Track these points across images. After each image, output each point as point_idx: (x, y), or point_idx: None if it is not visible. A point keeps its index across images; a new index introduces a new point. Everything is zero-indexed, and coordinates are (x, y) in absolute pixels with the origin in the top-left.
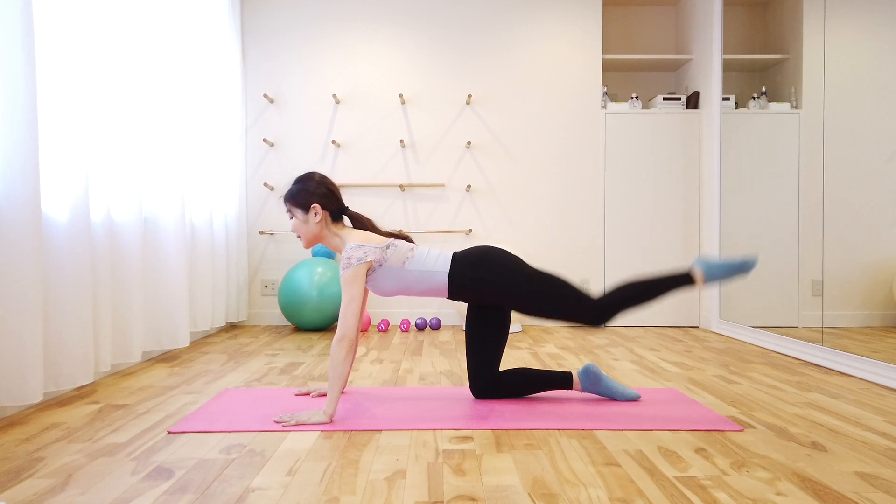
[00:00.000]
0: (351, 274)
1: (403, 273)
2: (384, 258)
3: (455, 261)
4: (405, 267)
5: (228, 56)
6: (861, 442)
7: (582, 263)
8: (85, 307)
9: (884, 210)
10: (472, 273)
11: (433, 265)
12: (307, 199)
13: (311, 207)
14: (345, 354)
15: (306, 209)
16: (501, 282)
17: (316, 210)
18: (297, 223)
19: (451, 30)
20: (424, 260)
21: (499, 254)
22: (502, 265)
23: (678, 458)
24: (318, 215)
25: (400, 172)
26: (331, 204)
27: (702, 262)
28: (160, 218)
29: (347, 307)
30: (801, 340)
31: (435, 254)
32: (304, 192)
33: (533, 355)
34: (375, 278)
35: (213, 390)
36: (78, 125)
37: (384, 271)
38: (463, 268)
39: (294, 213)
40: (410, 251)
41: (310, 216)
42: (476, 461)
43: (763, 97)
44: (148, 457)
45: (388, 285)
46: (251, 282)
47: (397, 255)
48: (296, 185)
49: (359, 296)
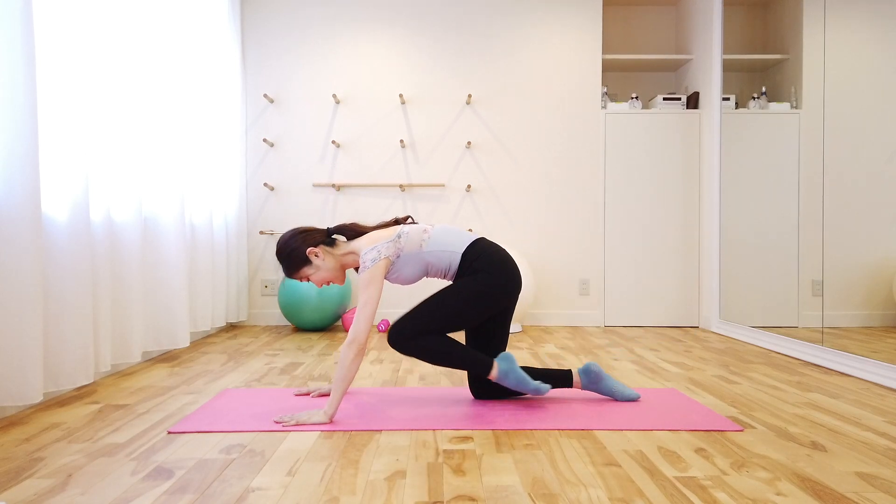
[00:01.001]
0: (368, 276)
1: (423, 255)
2: (400, 248)
3: (475, 246)
4: (423, 249)
5: (228, 56)
6: (861, 442)
7: (582, 263)
8: (85, 307)
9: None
10: (476, 265)
11: (451, 244)
12: (301, 255)
13: (308, 255)
14: (353, 357)
15: (308, 261)
16: (464, 281)
17: (315, 253)
18: (316, 276)
19: (451, 30)
20: (442, 238)
21: (502, 267)
22: (487, 274)
23: (678, 458)
24: (320, 255)
25: (400, 172)
26: (316, 237)
27: (504, 360)
28: (160, 218)
29: (362, 310)
30: (801, 340)
31: (455, 232)
32: (295, 254)
33: (533, 355)
34: (397, 270)
35: (213, 390)
36: (78, 125)
37: (404, 260)
38: (474, 255)
39: (306, 273)
40: (425, 232)
41: (316, 262)
42: (476, 461)
43: (763, 97)
44: (148, 457)
45: (411, 272)
46: (251, 282)
47: (412, 240)
48: (284, 260)
49: (374, 299)
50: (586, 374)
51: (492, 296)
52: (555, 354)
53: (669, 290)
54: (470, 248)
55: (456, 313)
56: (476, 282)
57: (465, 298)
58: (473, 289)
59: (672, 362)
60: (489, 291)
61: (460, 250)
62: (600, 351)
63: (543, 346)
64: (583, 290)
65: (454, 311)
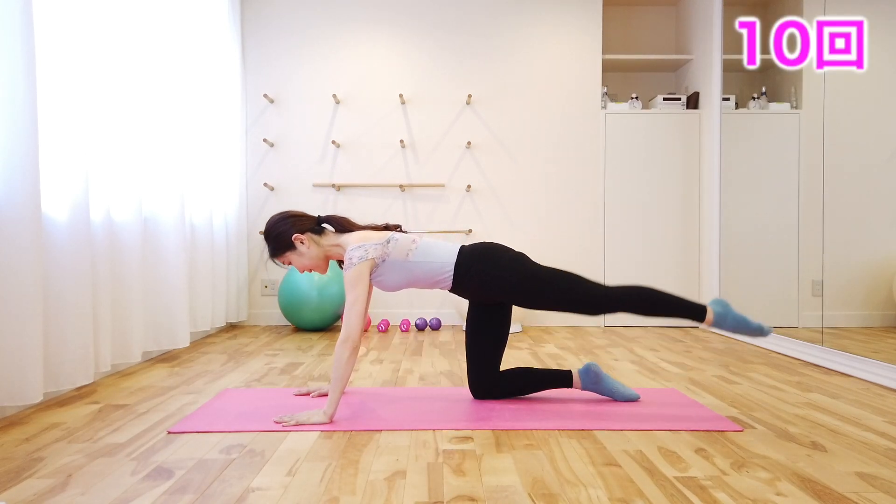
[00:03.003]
0: (354, 274)
1: (408, 265)
2: (386, 253)
3: (462, 253)
4: (409, 259)
5: (228, 56)
6: (861, 442)
7: (582, 263)
8: (85, 307)
9: (884, 210)
10: (480, 266)
11: (439, 256)
12: (287, 239)
13: (294, 241)
14: (348, 356)
15: (293, 246)
16: (509, 275)
17: (300, 240)
18: (298, 262)
19: (451, 30)
20: (429, 251)
21: (505, 249)
22: (510, 259)
23: (678, 458)
24: (305, 242)
25: (400, 172)
26: (304, 224)
27: (719, 304)
28: (160, 218)
29: (351, 309)
30: (801, 341)
31: (441, 245)
32: (281, 237)
33: (533, 355)
34: (380, 274)
35: (213, 390)
36: (78, 125)
37: (388, 266)
38: (471, 260)
39: (289, 258)
40: (413, 242)
41: (301, 249)
42: (476, 461)
43: (763, 97)
44: (148, 457)
45: (393, 279)
46: (251, 282)
47: (399, 248)
48: (269, 242)
49: (363, 297)
50: (586, 375)
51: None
52: (555, 355)
53: (669, 290)
54: (461, 256)
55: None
56: (507, 257)
57: (524, 261)
58: (516, 258)
59: (672, 362)
60: (515, 253)
61: (449, 260)
62: (600, 351)
63: (543, 347)
64: None
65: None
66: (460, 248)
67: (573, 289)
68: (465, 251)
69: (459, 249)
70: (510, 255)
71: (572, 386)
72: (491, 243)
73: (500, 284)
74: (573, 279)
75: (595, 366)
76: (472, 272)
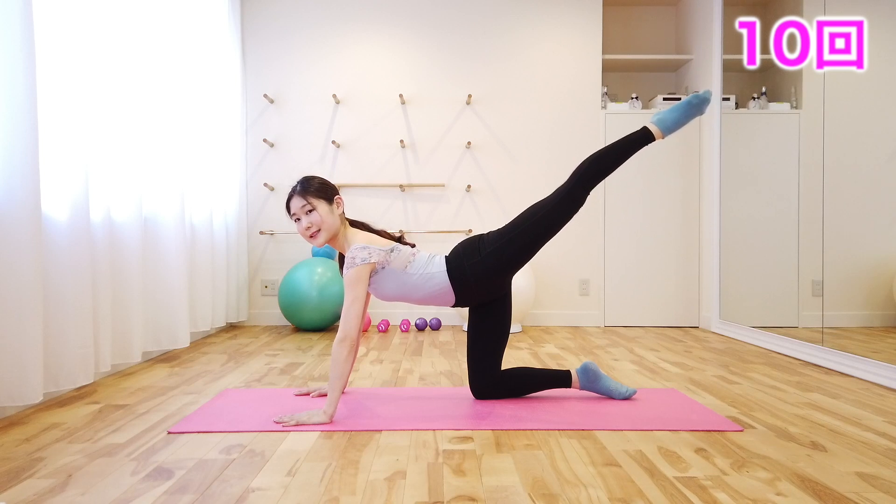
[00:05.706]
0: (354, 274)
1: (405, 277)
2: (388, 261)
3: (448, 260)
4: (407, 270)
5: (228, 56)
6: (861, 442)
7: (582, 263)
8: (85, 307)
9: (884, 210)
10: (469, 261)
11: (432, 268)
12: (331, 191)
13: (335, 199)
14: (346, 355)
15: (331, 200)
16: (501, 247)
17: (339, 201)
18: (320, 217)
19: (452, 30)
20: (425, 263)
21: (477, 236)
22: (487, 239)
23: (678, 458)
24: (341, 206)
25: (400, 172)
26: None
27: (655, 118)
28: (160, 217)
29: (350, 308)
30: (801, 341)
31: (435, 259)
32: (328, 186)
33: (533, 355)
34: (377, 280)
35: (213, 390)
36: (78, 124)
37: (386, 274)
38: (459, 260)
39: (317, 206)
40: (412, 255)
41: (334, 207)
42: (476, 461)
43: (763, 97)
44: (148, 457)
45: (389, 289)
46: (251, 282)
47: (400, 258)
48: (315, 182)
49: (361, 297)
50: (584, 374)
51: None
52: (555, 355)
53: (669, 291)
54: (448, 262)
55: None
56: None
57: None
58: (489, 235)
59: (672, 362)
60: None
61: (441, 268)
62: (600, 351)
63: (543, 347)
64: (583, 290)
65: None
66: (445, 257)
67: (549, 213)
68: (449, 257)
69: (444, 258)
70: (485, 237)
71: (572, 386)
72: (464, 240)
73: (497, 262)
74: (540, 205)
75: (592, 365)
76: (466, 272)
